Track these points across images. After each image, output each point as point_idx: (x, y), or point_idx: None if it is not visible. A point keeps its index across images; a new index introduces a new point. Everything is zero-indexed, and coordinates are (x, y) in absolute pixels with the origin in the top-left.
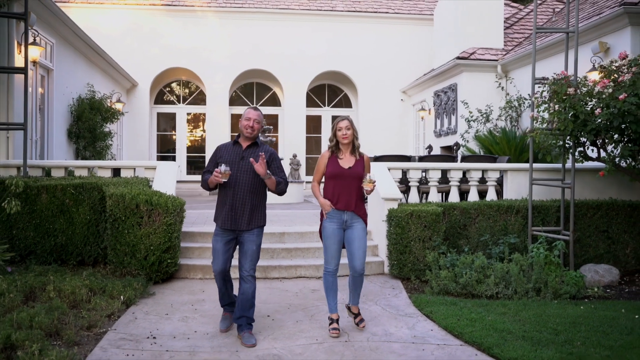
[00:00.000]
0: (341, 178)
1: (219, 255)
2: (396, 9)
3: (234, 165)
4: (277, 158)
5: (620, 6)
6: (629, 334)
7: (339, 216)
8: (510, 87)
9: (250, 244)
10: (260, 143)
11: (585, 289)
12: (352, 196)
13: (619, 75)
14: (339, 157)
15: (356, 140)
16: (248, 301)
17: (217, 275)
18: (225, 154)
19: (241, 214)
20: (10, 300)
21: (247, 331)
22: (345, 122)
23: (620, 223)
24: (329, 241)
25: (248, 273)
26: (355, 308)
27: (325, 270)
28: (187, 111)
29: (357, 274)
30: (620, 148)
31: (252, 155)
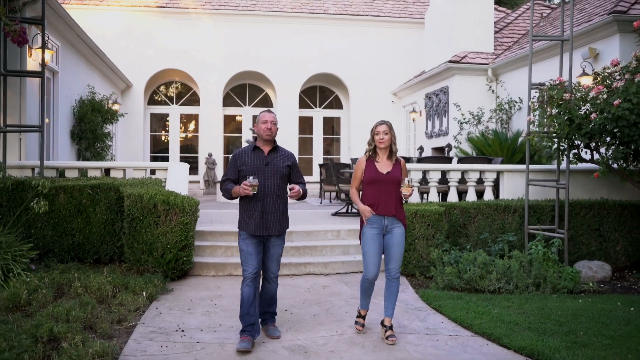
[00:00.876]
0: (380, 183)
1: (252, 257)
2: (387, 12)
3: (260, 172)
4: (296, 162)
5: (609, 14)
6: (627, 324)
7: (380, 221)
8: (500, 90)
9: (277, 248)
10: (278, 146)
11: (581, 284)
12: (392, 201)
13: (611, 82)
14: (376, 161)
15: (394, 145)
16: (272, 298)
17: (248, 280)
18: (248, 160)
19: (272, 220)
20: (43, 296)
21: (272, 324)
22: (384, 126)
23: (611, 222)
24: (369, 246)
25: (275, 275)
26: (389, 320)
27: (363, 277)
28: (180, 112)
29: (392, 277)
30: (612, 151)
31: (275, 159)
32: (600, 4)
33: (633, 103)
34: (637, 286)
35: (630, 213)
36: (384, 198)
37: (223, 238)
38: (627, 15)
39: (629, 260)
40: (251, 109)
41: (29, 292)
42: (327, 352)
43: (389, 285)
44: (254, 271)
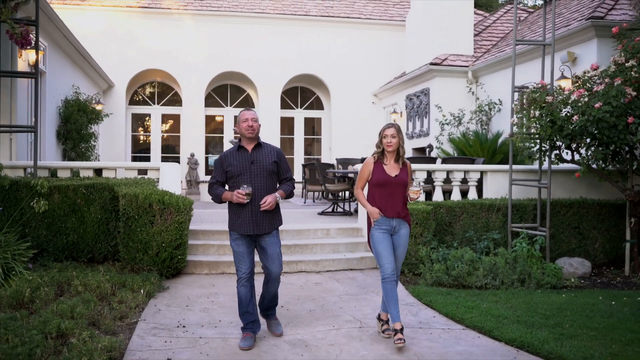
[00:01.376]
0: (388, 186)
1: (244, 257)
2: (368, 14)
3: (246, 171)
4: (284, 156)
5: (587, 20)
6: (609, 317)
7: (388, 223)
8: (480, 92)
9: (273, 246)
10: (262, 143)
11: (563, 280)
12: (399, 203)
13: (592, 85)
14: (384, 163)
15: (401, 149)
16: (274, 296)
17: (243, 280)
18: (234, 161)
19: (262, 218)
20: (46, 294)
21: (273, 318)
22: (392, 129)
23: (590, 220)
24: (381, 246)
25: (277, 275)
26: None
27: (382, 278)
28: (162, 112)
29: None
30: (592, 151)
31: (260, 156)
32: (577, 9)
33: (613, 106)
34: (616, 282)
35: (608, 212)
36: (393, 200)
37: (214, 237)
38: (605, 20)
39: (606, 257)
40: (233, 109)
41: (32, 290)
42: (327, 345)
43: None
44: (248, 271)
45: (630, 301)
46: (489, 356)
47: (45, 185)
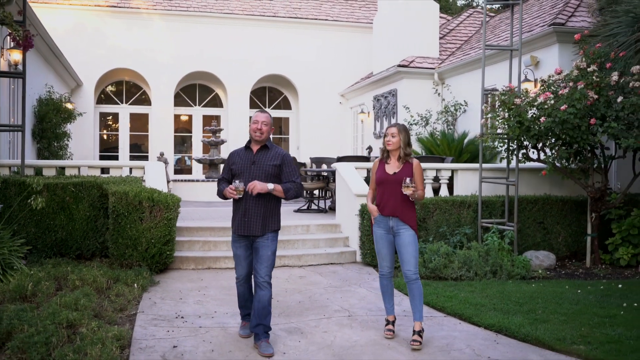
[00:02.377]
0: (386, 184)
1: (241, 261)
2: (335, 16)
3: (246, 170)
4: (290, 160)
5: (549, 26)
6: (577, 304)
7: (385, 222)
8: (446, 93)
9: (265, 249)
10: (270, 146)
11: (532, 271)
12: (398, 202)
13: (557, 89)
14: (387, 162)
15: (407, 148)
16: (265, 309)
17: (240, 281)
18: (238, 159)
19: (255, 220)
20: (47, 288)
21: (265, 340)
22: (393, 129)
23: (553, 215)
24: (378, 245)
25: (263, 279)
26: (418, 324)
27: (379, 274)
28: (130, 111)
29: (408, 279)
30: (556, 151)
31: (263, 158)
32: (538, 15)
33: (577, 108)
34: (579, 273)
35: (570, 208)
36: (391, 199)
37: (199, 233)
38: (565, 27)
39: (569, 250)
40: (201, 108)
41: (33, 284)
42: (321, 332)
43: (410, 288)
44: (244, 274)
45: (594, 290)
46: (471, 340)
47: (41, 183)
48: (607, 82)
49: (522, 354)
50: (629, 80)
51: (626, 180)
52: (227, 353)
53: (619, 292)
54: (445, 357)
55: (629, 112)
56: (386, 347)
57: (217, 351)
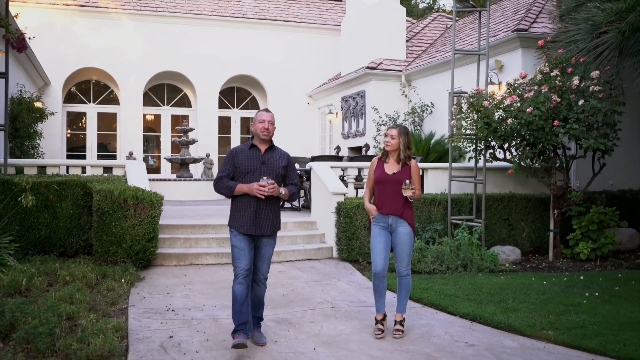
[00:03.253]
0: (385, 183)
1: (244, 253)
2: (303, 18)
3: (256, 170)
4: (292, 161)
5: (513, 32)
6: (543, 294)
7: (384, 220)
8: (413, 94)
9: (269, 248)
10: (275, 146)
11: (499, 265)
12: (397, 201)
13: (522, 92)
14: (386, 162)
15: (407, 150)
16: (260, 302)
17: (240, 278)
18: (245, 158)
19: (265, 220)
20: (40, 283)
21: (257, 330)
22: (393, 130)
23: (518, 212)
24: (374, 242)
25: (264, 277)
26: (399, 315)
27: (373, 272)
28: (98, 110)
29: (400, 274)
30: (521, 151)
31: (272, 158)
32: (501, 21)
33: (541, 110)
34: (542, 266)
35: (533, 205)
36: (389, 198)
37: (180, 231)
38: (528, 32)
39: (532, 245)
40: (170, 108)
41: (27, 280)
42: (308, 322)
43: (399, 282)
44: (246, 267)
45: (558, 281)
46: (449, 327)
47: (30, 181)
48: (569, 86)
49: (497, 339)
50: (589, 85)
51: (584, 179)
52: (221, 342)
53: (580, 283)
54: (427, 342)
55: (589, 114)
56: (371, 335)
57: (211, 340)
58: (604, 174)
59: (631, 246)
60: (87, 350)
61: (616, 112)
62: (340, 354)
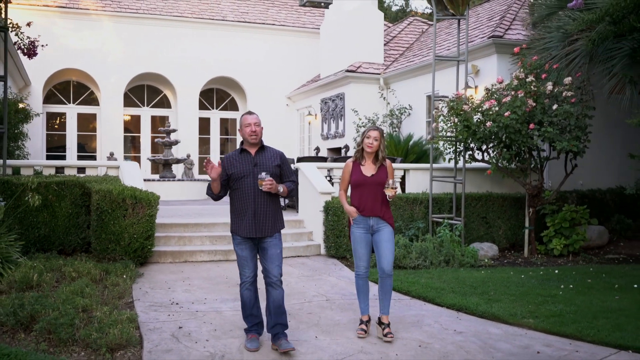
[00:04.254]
0: (365, 185)
1: (248, 262)
2: (281, 21)
3: (249, 173)
4: (286, 159)
5: (489, 38)
6: (522, 286)
7: (365, 222)
8: (391, 97)
9: (274, 248)
10: (266, 146)
11: (479, 260)
12: (377, 202)
13: (499, 96)
14: (362, 164)
15: (381, 152)
16: (280, 307)
17: (246, 284)
18: (236, 163)
19: (264, 220)
20: (50, 279)
21: (284, 339)
22: (376, 132)
23: (495, 211)
24: (357, 245)
25: (277, 278)
26: (386, 318)
27: (355, 274)
28: (78, 111)
29: (385, 274)
30: (498, 153)
31: (263, 159)
32: (476, 27)
33: (518, 114)
34: (519, 261)
35: (509, 204)
36: (370, 200)
37: (173, 229)
38: (504, 39)
39: (508, 242)
40: (150, 109)
41: (38, 275)
42: (306, 313)
43: (382, 283)
44: (251, 275)
45: (535, 275)
46: (437, 317)
47: (35, 182)
48: (543, 91)
49: (482, 327)
50: (562, 90)
51: (555, 179)
52: (228, 332)
53: (556, 276)
54: (419, 330)
55: (562, 118)
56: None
57: (219, 330)
58: (574, 174)
59: (600, 242)
60: (106, 339)
61: (587, 116)
62: (341, 341)
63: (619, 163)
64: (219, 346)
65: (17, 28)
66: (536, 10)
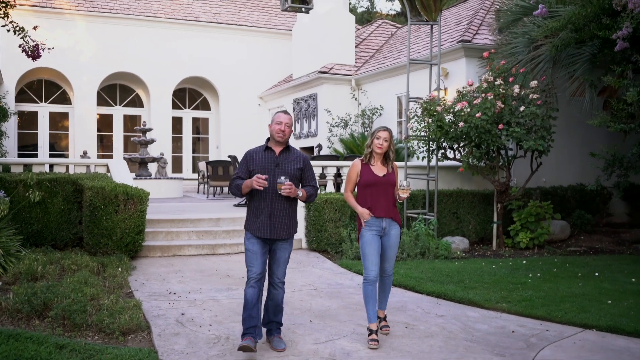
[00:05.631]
0: (377, 186)
1: (257, 257)
2: (253, 22)
3: (270, 173)
4: (310, 164)
5: (458, 42)
6: (494, 275)
7: (378, 224)
8: (363, 98)
9: (284, 251)
10: (291, 148)
11: (452, 253)
12: (389, 203)
13: (470, 98)
14: (372, 164)
15: (391, 153)
16: (278, 306)
17: (252, 282)
18: (259, 161)
19: (280, 223)
20: (53, 270)
21: (277, 335)
22: (386, 133)
23: (465, 207)
24: (369, 249)
25: (280, 280)
26: (382, 312)
27: (365, 279)
28: (50, 110)
29: (385, 274)
30: (468, 151)
31: (286, 160)
32: (445, 31)
33: (488, 115)
34: (488, 254)
35: (478, 200)
36: (382, 200)
37: (161, 225)
38: (472, 43)
39: (477, 236)
40: (122, 108)
41: (42, 267)
42: (298, 301)
43: (383, 281)
44: (258, 272)
45: (505, 265)
46: (419, 302)
47: (34, 178)
48: (511, 94)
49: (461, 311)
50: (528, 93)
51: (520, 177)
52: (228, 317)
53: (523, 267)
54: (404, 314)
55: (528, 119)
56: (354, 310)
57: (220, 316)
58: (538, 171)
59: (563, 236)
60: (118, 324)
61: (551, 117)
62: (334, 324)
63: (579, 161)
64: (222, 329)
65: (22, 31)
66: (502, 17)
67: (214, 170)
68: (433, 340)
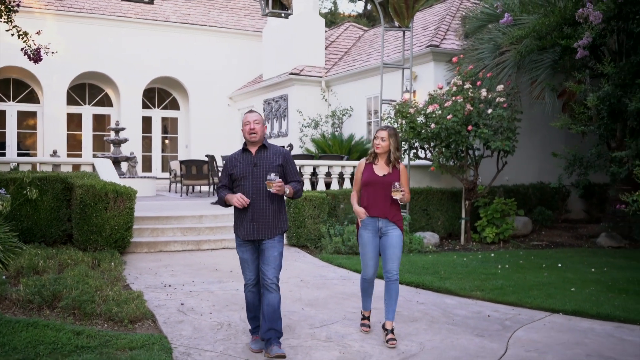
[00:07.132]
0: (375, 185)
1: (249, 265)
2: (222, 23)
3: (249, 174)
4: (291, 158)
5: (427, 47)
6: (466, 267)
7: (374, 223)
8: (333, 99)
9: (272, 250)
10: (268, 145)
11: (424, 247)
12: (387, 203)
13: (441, 101)
14: (375, 164)
15: (396, 152)
16: (275, 312)
17: (249, 287)
18: (237, 163)
19: (263, 223)
20: (53, 265)
21: (276, 345)
22: (384, 132)
23: (434, 204)
24: (365, 249)
25: (272, 281)
26: (390, 324)
27: (362, 277)
28: (18, 109)
29: (391, 279)
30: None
31: (264, 159)
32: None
33: (458, 117)
34: (457, 248)
35: (447, 197)
36: (380, 200)
37: (145, 222)
38: (440, 48)
39: (446, 232)
40: (92, 107)
41: (43, 261)
42: (288, 291)
43: (388, 287)
44: (253, 278)
45: (475, 258)
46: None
47: (30, 176)
48: (478, 97)
49: (439, 299)
50: (495, 96)
51: (486, 176)
52: (226, 307)
53: (492, 259)
54: None
55: (495, 121)
56: (342, 299)
57: (217, 305)
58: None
59: (525, 231)
60: (126, 312)
61: (516, 119)
62: (325, 311)
63: (540, 161)
64: (222, 317)
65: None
66: (468, 23)
67: (188, 169)
68: (418, 324)
